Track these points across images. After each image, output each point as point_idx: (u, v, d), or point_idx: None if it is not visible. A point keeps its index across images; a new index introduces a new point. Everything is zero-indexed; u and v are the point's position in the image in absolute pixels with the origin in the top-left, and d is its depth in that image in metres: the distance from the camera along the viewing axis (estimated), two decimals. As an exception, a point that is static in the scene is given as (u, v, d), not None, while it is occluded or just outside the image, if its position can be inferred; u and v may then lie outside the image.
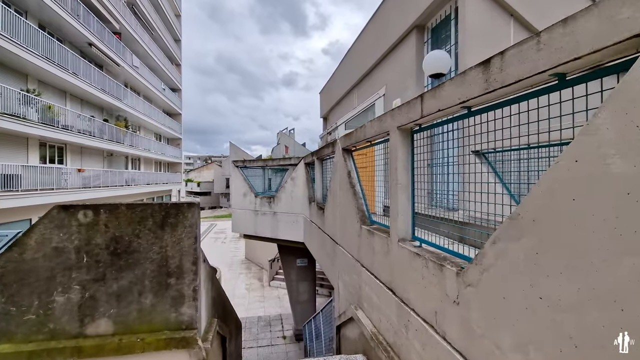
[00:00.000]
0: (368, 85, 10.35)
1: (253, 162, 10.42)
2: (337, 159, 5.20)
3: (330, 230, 5.81)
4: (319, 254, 7.02)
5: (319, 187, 7.22)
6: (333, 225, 5.54)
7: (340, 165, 4.99)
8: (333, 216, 5.53)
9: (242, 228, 10.65)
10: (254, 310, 13.29)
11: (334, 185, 5.45)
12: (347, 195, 4.59)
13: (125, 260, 2.96)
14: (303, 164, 9.03)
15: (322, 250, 6.54)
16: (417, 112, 2.56)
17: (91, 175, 17.80)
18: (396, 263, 2.98)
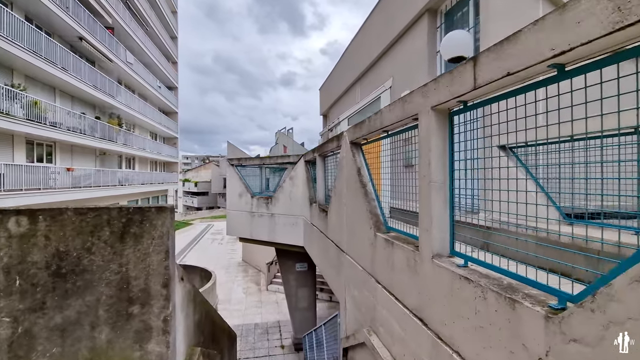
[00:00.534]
0: (372, 78, 9.63)
1: (249, 160, 9.70)
2: (343, 155, 4.48)
3: (334, 235, 5.08)
4: (321, 261, 6.30)
5: (321, 187, 6.50)
6: (338, 231, 4.82)
7: (347, 162, 4.27)
8: (338, 220, 4.80)
9: (237, 230, 9.91)
10: (250, 316, 12.56)
11: (339, 185, 4.73)
12: (357, 197, 3.87)
13: (73, 283, 2.23)
14: (303, 162, 8.31)
15: (325, 258, 5.81)
16: (467, 82, 1.84)
17: (81, 174, 17.02)
18: (429, 286, 2.27)
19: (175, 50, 32.96)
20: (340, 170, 4.64)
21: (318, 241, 6.45)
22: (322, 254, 6.07)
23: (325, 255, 5.84)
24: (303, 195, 8.24)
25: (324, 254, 5.89)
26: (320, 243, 6.18)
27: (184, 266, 15.02)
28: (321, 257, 6.23)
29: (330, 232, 5.37)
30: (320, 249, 6.30)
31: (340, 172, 4.63)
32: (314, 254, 7.00)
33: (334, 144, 5.06)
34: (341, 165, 4.60)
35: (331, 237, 5.29)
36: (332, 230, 5.25)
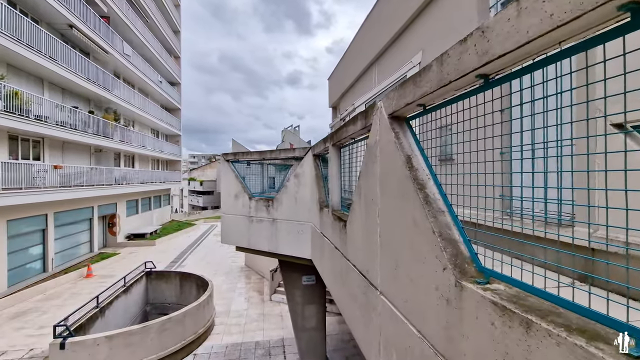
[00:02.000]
0: (394, 56, 7.96)
1: (247, 155, 8.10)
2: (376, 139, 2.84)
3: (359, 259, 3.44)
4: (335, 286, 4.66)
5: (336, 188, 4.85)
6: (366, 254, 3.17)
7: (385, 148, 2.63)
8: (366, 237, 3.16)
9: (232, 238, 8.33)
10: (251, 332, 11.00)
11: (368, 185, 3.09)
12: (405, 204, 2.24)
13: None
14: (311, 156, 6.68)
15: (342, 285, 4.17)
16: None
17: (72, 172, 15.62)
18: None
19: (178, 45, 31.58)
20: (370, 163, 3.00)
21: (331, 259, 4.81)
22: (338, 279, 4.44)
23: (341, 281, 4.21)
24: (311, 197, 6.61)
25: (341, 280, 4.25)
26: (335, 263, 4.54)
27: (181, 274, 13.53)
28: (336, 281, 4.59)
29: (351, 252, 3.73)
30: (334, 271, 4.66)
31: (370, 165, 2.99)
32: (326, 273, 5.36)
33: (358, 124, 3.41)
34: (371, 154, 2.96)
35: (353, 260, 3.65)
36: (354, 250, 3.61)
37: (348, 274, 3.84)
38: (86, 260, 17.73)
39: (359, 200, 3.36)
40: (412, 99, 2.16)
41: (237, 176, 8.23)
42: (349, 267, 3.80)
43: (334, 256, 4.57)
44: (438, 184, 2.10)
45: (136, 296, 12.60)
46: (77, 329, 8.90)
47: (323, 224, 5.44)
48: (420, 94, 2.04)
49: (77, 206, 17.44)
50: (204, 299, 10.64)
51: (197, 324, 10.18)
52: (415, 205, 2.11)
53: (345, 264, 3.98)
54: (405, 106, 2.28)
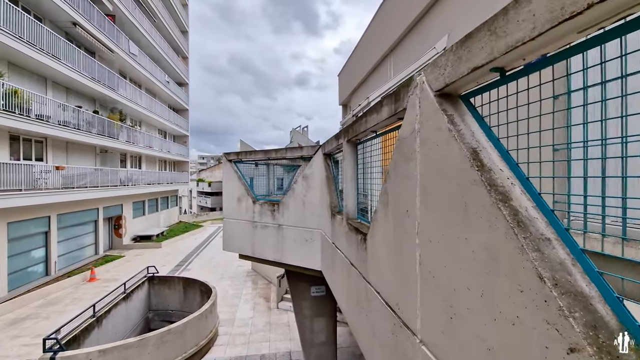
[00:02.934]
0: (413, 44, 7.14)
1: (251, 154, 7.37)
2: (415, 127, 2.05)
3: (386, 287, 2.64)
4: (349, 309, 3.86)
5: (351, 192, 4.06)
6: (399, 284, 2.37)
7: (432, 140, 1.83)
8: (398, 261, 2.36)
9: (235, 245, 7.61)
10: (256, 344, 10.26)
11: (399, 190, 2.30)
12: (472, 224, 1.45)
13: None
14: (321, 155, 5.91)
15: (359, 313, 3.38)
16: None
17: (75, 174, 15.15)
18: None
19: (185, 45, 31.20)
20: (403, 162, 2.21)
21: (345, 277, 4.02)
22: (353, 301, 3.64)
23: (358, 306, 3.42)
24: (321, 201, 5.84)
25: (357, 304, 3.46)
26: (351, 283, 3.75)
27: (184, 279, 12.91)
28: (350, 303, 3.79)
29: (373, 274, 2.94)
30: (349, 291, 3.87)
31: (403, 164, 2.20)
32: (338, 291, 4.56)
33: (384, 112, 2.62)
34: (406, 150, 2.17)
35: (375, 285, 2.86)
36: (378, 273, 2.82)
37: (368, 301, 3.05)
38: (91, 263, 17.28)
39: (385, 210, 2.57)
40: (485, 58, 1.36)
41: (240, 178, 7.51)
42: (369, 291, 3.01)
43: (349, 274, 3.78)
44: (534, 192, 1.30)
45: (138, 302, 12.00)
46: (71, 341, 8.30)
47: (335, 233, 4.66)
48: (506, 46, 1.25)
49: (81, 208, 17.00)
50: (207, 308, 9.95)
51: (199, 335, 9.49)
52: (491, 226, 1.32)
53: (364, 287, 3.19)
54: (469, 73, 1.48)
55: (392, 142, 3.09)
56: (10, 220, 12.86)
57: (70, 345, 8.27)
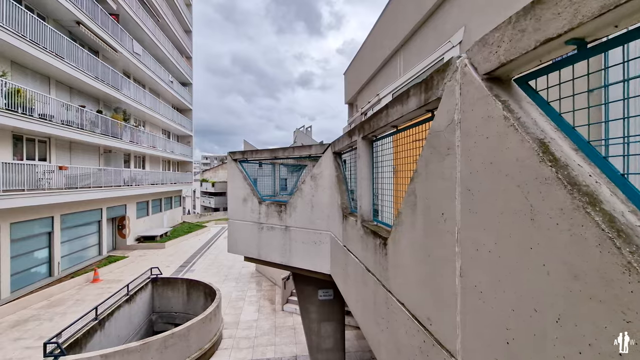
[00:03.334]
0: (425, 39, 6.86)
1: (257, 153, 7.12)
2: (455, 118, 1.78)
3: (413, 299, 2.36)
4: (365, 320, 3.59)
5: (367, 193, 3.79)
6: (431, 296, 2.09)
7: (480, 131, 1.56)
8: (430, 271, 2.09)
9: (240, 247, 7.36)
10: (261, 348, 10.01)
11: (432, 191, 2.03)
12: (544, 235, 1.18)
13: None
14: (331, 154, 5.65)
15: (377, 324, 3.10)
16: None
17: (79, 174, 15.00)
18: None
19: (189, 45, 31.08)
20: (436, 159, 1.93)
21: (360, 284, 3.75)
22: (370, 311, 3.37)
23: (376, 316, 3.15)
24: (331, 202, 5.58)
25: (375, 314, 3.19)
26: (367, 291, 3.48)
27: (188, 281, 12.69)
28: (367, 313, 3.52)
29: (396, 283, 2.67)
30: (365, 300, 3.59)
31: (437, 161, 1.93)
32: (352, 299, 4.29)
33: (411, 102, 2.34)
34: (440, 145, 1.89)
35: (399, 295, 2.59)
36: (402, 282, 2.54)
37: (390, 311, 2.78)
38: (94, 264, 17.13)
39: (412, 213, 2.29)
40: (563, 26, 1.09)
41: (245, 177, 7.26)
42: (390, 301, 2.75)
43: (365, 280, 3.51)
44: (633, 193, 1.03)
45: (141, 304, 11.80)
46: (73, 344, 8.09)
47: (347, 236, 4.39)
48: (600, 6, 0.98)
49: (85, 208, 16.86)
50: (211, 310, 9.72)
51: (203, 339, 9.26)
52: (574, 235, 1.05)
53: (384, 296, 2.92)
54: (536, 47, 1.21)
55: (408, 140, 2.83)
56: (14, 220, 12.72)
57: (72, 349, 8.07)
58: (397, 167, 3.18)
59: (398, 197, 3.09)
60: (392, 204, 3.23)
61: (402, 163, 3.00)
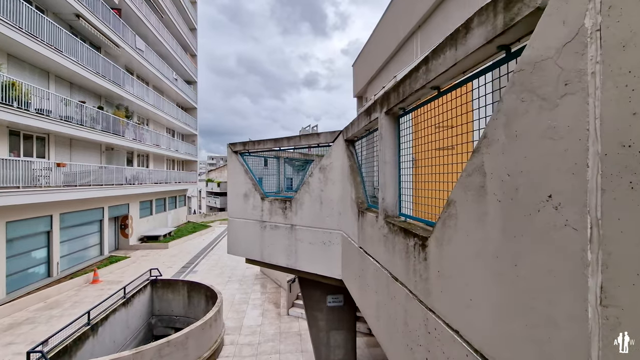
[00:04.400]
0: (447, 16, 6.08)
1: (259, 144, 6.40)
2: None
3: (480, 332, 1.60)
4: (392, 345, 2.82)
5: (392, 181, 3.02)
6: (529, 335, 1.34)
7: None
8: (521, 292, 1.33)
9: (241, 248, 6.65)
10: (265, 356, 9.28)
11: (541, 161, 1.27)
12: None
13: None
14: (342, 142, 4.90)
15: (415, 355, 2.34)
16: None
17: (78, 171, 14.45)
18: None
19: (194, 43, 30.58)
20: (536, 107, 1.19)
21: (383, 295, 2.99)
22: (398, 334, 2.61)
23: (408, 342, 2.39)
24: (343, 196, 4.83)
25: (407, 338, 2.43)
26: (396, 307, 2.70)
27: (189, 283, 12.04)
28: (393, 335, 2.76)
29: (445, 304, 1.89)
30: (392, 318, 2.82)
31: (536, 111, 1.18)
32: (371, 314, 3.51)
33: (476, 36, 1.61)
34: (562, 75, 1.15)
35: (451, 319, 1.82)
36: (459, 303, 1.77)
37: (432, 340, 2.02)
38: (95, 264, 16.59)
39: (477, 201, 1.54)
40: None
41: (247, 171, 6.55)
42: (434, 324, 1.98)
43: (392, 293, 2.75)
44: None
45: (139, 307, 11.17)
46: (61, 353, 7.45)
47: (365, 235, 3.64)
48: None
49: (85, 207, 16.32)
50: (211, 316, 9.02)
51: (203, 347, 8.57)
52: None
53: (422, 316, 2.16)
54: None
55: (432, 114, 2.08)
56: (9, 219, 12.18)
57: (60, 357, 7.44)
58: (420, 155, 2.42)
59: (435, 185, 2.33)
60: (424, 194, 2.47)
61: (434, 141, 2.24)
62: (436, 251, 1.97)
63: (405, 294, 2.44)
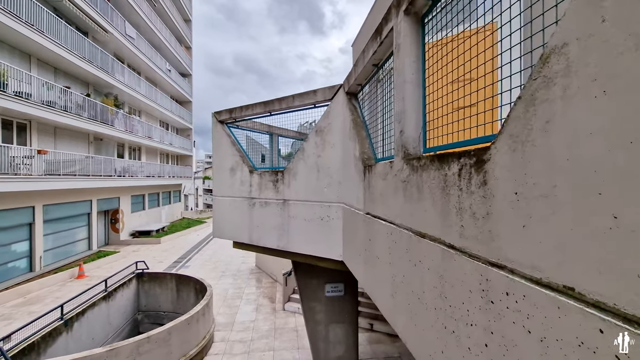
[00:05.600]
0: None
1: (247, 109, 5.53)
2: None
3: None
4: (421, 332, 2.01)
5: (413, 106, 2.19)
6: None
7: None
8: None
9: (227, 230, 5.81)
10: (258, 353, 8.44)
11: None
12: None
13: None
14: (343, 97, 4.09)
15: (477, 347, 1.54)
16: None
17: (62, 159, 13.56)
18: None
19: (189, 35, 29.69)
20: None
21: (402, 262, 2.17)
22: (432, 310, 1.80)
23: (452, 319, 1.59)
24: (344, 160, 4.01)
25: (452, 317, 1.63)
26: (420, 275, 1.89)
27: (177, 276, 11.18)
28: (421, 314, 1.95)
29: (532, 249, 1.10)
30: (414, 288, 2.01)
31: None
32: (383, 291, 2.69)
33: None
34: None
35: (553, 273, 1.03)
36: (572, 247, 0.98)
37: (502, 312, 1.21)
38: (82, 259, 15.70)
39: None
40: None
41: (234, 142, 5.71)
42: (511, 288, 1.17)
43: (418, 256, 1.93)
44: None
45: (124, 302, 10.30)
46: (28, 349, 6.59)
47: (373, 194, 2.82)
48: None
49: (71, 199, 15.43)
50: (198, 310, 8.18)
51: (189, 344, 7.72)
52: None
53: (478, 279, 1.34)
54: None
55: None
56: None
57: (27, 355, 6.59)
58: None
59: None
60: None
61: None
62: (509, 160, 1.15)
63: (441, 253, 1.63)
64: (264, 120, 5.49)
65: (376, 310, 10.07)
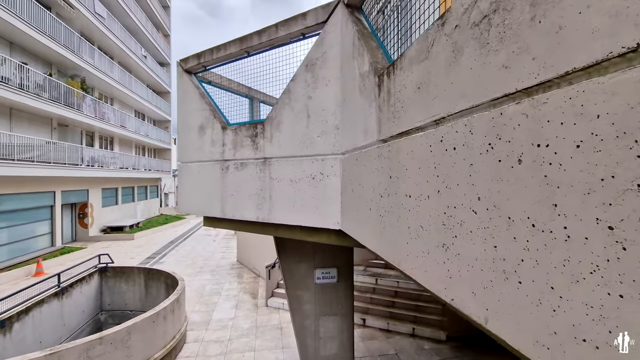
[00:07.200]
0: None
1: (219, 51, 4.42)
2: None
3: None
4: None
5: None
6: None
7: None
8: None
9: (195, 202, 4.68)
10: (236, 354, 7.31)
11: None
12: None
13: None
14: (342, 12, 3.09)
15: None
16: None
17: (17, 143, 11.96)
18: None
19: (167, 22, 28.05)
20: None
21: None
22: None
23: None
24: (345, 89, 3.01)
25: None
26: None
27: (146, 270, 9.88)
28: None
29: None
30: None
31: None
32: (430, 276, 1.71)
33: None
34: None
35: None
36: None
37: None
38: (44, 256, 14.03)
39: None
40: None
41: (203, 94, 4.60)
42: None
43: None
44: None
45: (83, 300, 8.92)
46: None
47: (401, 101, 1.82)
48: None
49: (29, 189, 13.75)
50: (166, 306, 6.98)
51: (153, 345, 6.51)
52: None
53: None
54: None
55: None
56: None
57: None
58: None
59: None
60: None
61: None
62: None
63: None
64: (244, 65, 4.38)
65: (369, 303, 9.12)
